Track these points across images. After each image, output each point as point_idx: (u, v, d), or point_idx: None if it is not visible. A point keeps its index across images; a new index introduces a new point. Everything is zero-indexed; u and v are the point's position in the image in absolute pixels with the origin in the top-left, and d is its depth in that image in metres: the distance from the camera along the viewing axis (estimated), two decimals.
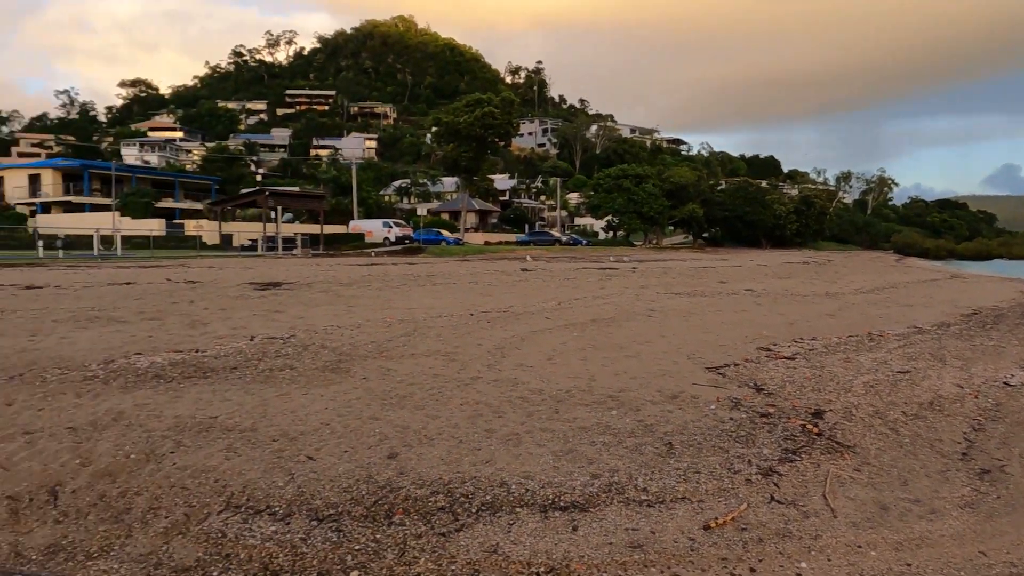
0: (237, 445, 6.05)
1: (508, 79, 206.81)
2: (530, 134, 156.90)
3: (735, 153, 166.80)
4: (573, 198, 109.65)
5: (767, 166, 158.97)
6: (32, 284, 19.77)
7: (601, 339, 11.14)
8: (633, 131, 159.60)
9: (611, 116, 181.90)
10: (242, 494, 5.27)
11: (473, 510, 4.99)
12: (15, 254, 35.28)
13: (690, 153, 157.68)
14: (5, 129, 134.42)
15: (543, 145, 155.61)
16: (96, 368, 8.59)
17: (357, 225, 67.24)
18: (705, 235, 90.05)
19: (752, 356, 10.14)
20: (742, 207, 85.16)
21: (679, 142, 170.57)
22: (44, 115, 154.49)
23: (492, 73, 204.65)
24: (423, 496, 5.14)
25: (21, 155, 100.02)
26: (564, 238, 77.92)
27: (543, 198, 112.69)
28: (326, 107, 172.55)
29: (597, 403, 7.29)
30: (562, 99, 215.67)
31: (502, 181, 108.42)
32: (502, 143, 73.19)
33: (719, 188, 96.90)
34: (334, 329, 11.50)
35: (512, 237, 79.44)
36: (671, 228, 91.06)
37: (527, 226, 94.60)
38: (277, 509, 5.10)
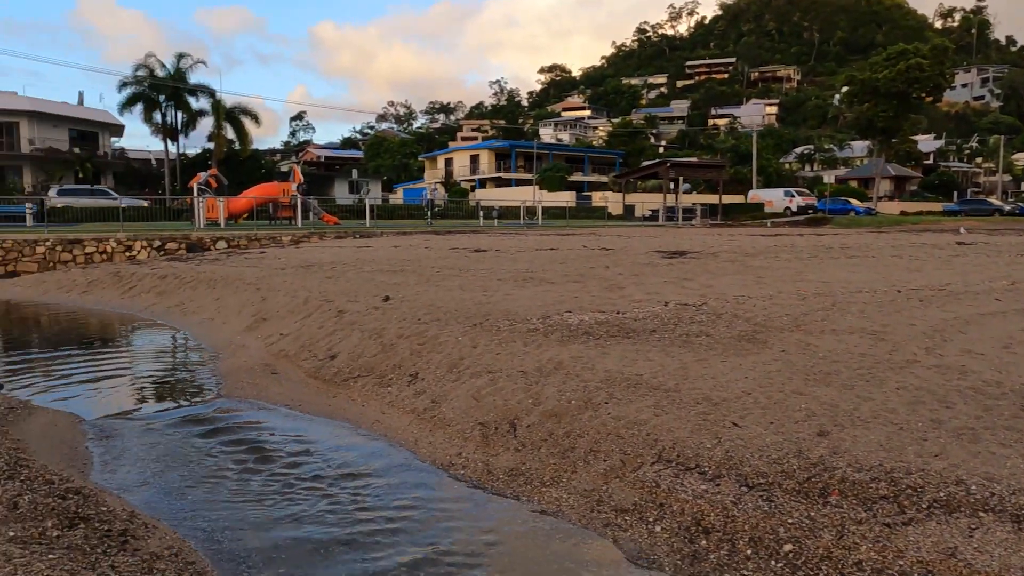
0: (663, 403, 6.35)
1: (938, 24, 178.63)
2: (964, 86, 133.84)
3: None
4: (1021, 159, 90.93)
5: None
6: (479, 248, 23.34)
7: None
8: None
9: None
10: (672, 449, 5.54)
11: (924, 505, 4.51)
12: (461, 223, 42.05)
13: None
14: (452, 118, 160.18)
15: (981, 98, 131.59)
16: (536, 322, 9.78)
17: (756, 195, 65.16)
18: None
19: None
20: None
21: None
22: (480, 103, 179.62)
23: (917, 20, 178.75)
24: (862, 480, 4.81)
25: (464, 139, 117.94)
26: (1007, 207, 65.29)
27: (978, 160, 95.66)
28: (725, 75, 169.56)
29: None
30: (1010, 41, 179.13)
31: (926, 142, 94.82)
32: (929, 99, 63.82)
33: None
34: (745, 299, 11.34)
35: (936, 206, 69.15)
36: None
37: (956, 193, 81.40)
38: (706, 469, 5.25)
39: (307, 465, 6.41)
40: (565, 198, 58.92)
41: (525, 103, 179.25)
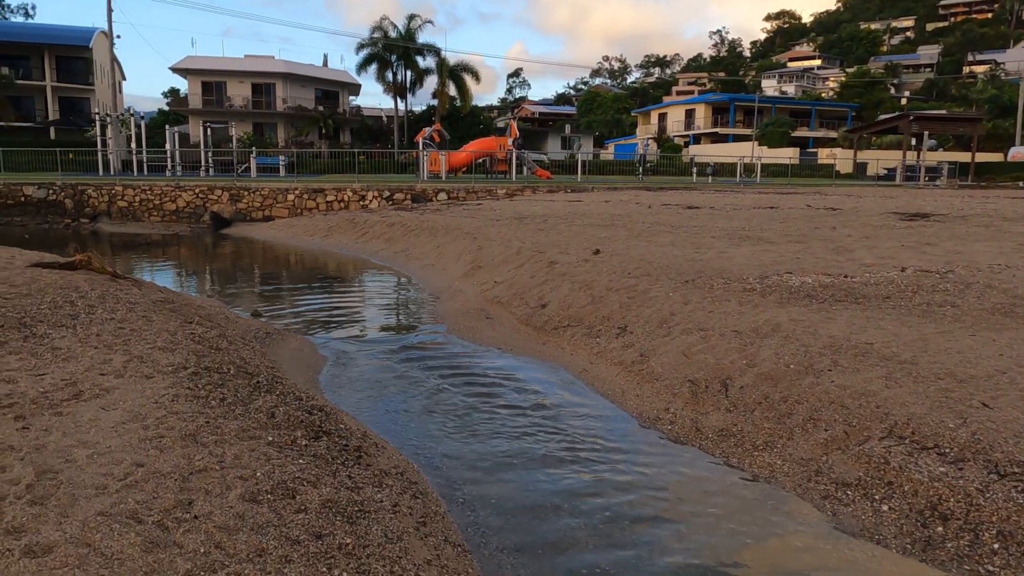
0: (897, 375, 5.79)
1: None
2: None
3: None
4: None
5: None
6: (691, 204, 22.61)
7: None
8: None
9: None
10: (906, 426, 5.04)
11: None
12: (674, 179, 40.90)
13: None
14: (667, 72, 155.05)
15: None
16: (753, 282, 9.31)
17: (1019, 152, 56.48)
18: None
19: None
20: None
21: None
22: (699, 55, 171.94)
23: None
24: None
25: (679, 93, 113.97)
26: None
27: None
28: (988, 14, 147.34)
29: None
30: None
31: None
32: None
33: None
34: (1002, 268, 9.95)
35: None
36: None
37: None
38: (947, 450, 4.72)
39: (515, 403, 6.67)
40: (787, 154, 54.97)
41: (747, 54, 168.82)
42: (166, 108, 72.00)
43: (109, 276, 9.71)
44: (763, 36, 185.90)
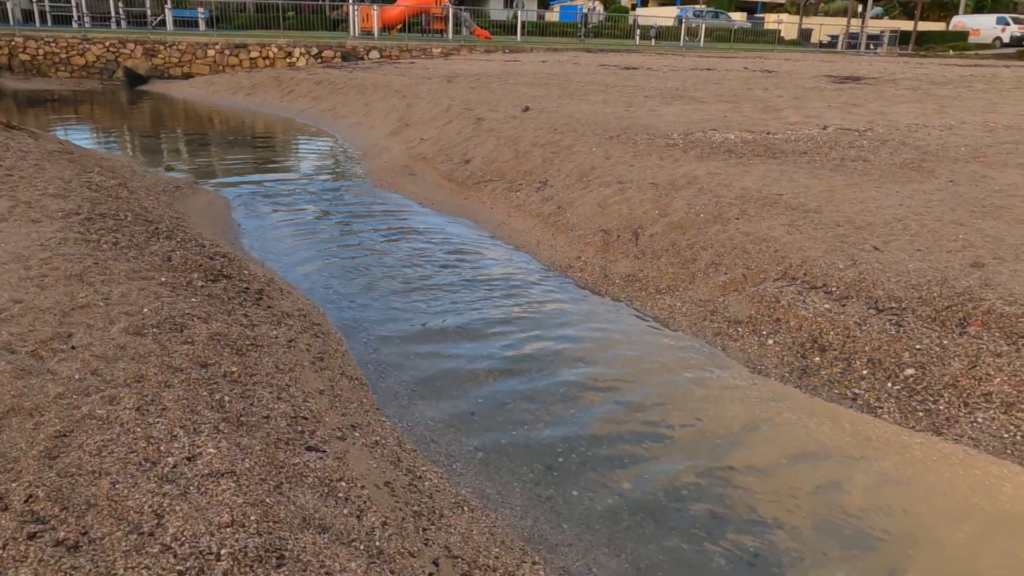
0: (799, 223, 5.94)
1: None
2: None
3: None
4: None
5: None
6: (629, 66, 22.10)
7: None
8: None
9: None
10: (800, 267, 5.22)
11: None
12: (616, 42, 39.76)
13: None
14: None
15: None
16: (677, 138, 9.27)
17: (960, 21, 56.45)
18: None
19: None
20: None
21: None
22: None
23: None
24: (1012, 315, 4.34)
25: None
26: None
27: None
28: None
29: None
30: None
31: None
32: None
33: None
34: (919, 128, 10.13)
35: None
36: None
37: None
38: (834, 289, 4.93)
39: (430, 253, 6.65)
40: (736, 18, 53.82)
41: None
42: None
43: (2, 126, 9.06)
44: None
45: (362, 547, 2.41)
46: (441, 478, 3.26)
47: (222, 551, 2.14)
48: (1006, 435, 3.68)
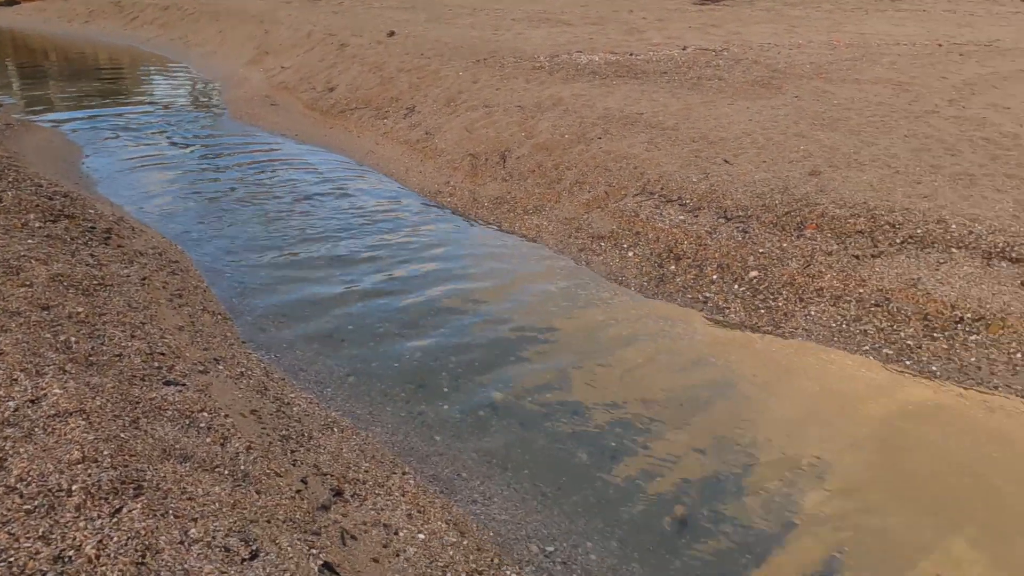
0: (658, 140, 6.17)
1: None
2: None
3: None
4: None
5: None
6: None
7: None
8: None
9: None
10: (657, 182, 5.46)
11: (897, 241, 4.48)
12: None
13: None
14: None
15: None
16: (543, 60, 9.29)
17: None
18: None
19: None
20: None
21: None
22: None
23: None
24: (841, 216, 4.75)
25: None
26: None
27: None
28: None
29: None
30: None
31: None
32: None
33: None
34: (771, 47, 10.61)
35: None
36: None
37: None
38: (688, 201, 5.20)
39: (296, 184, 6.45)
40: None
41: None
42: None
43: None
44: None
45: (226, 472, 2.41)
46: (310, 403, 3.28)
47: (73, 487, 2.09)
48: (833, 325, 4.07)
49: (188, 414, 2.69)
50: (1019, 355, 3.67)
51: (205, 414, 2.73)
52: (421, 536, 2.42)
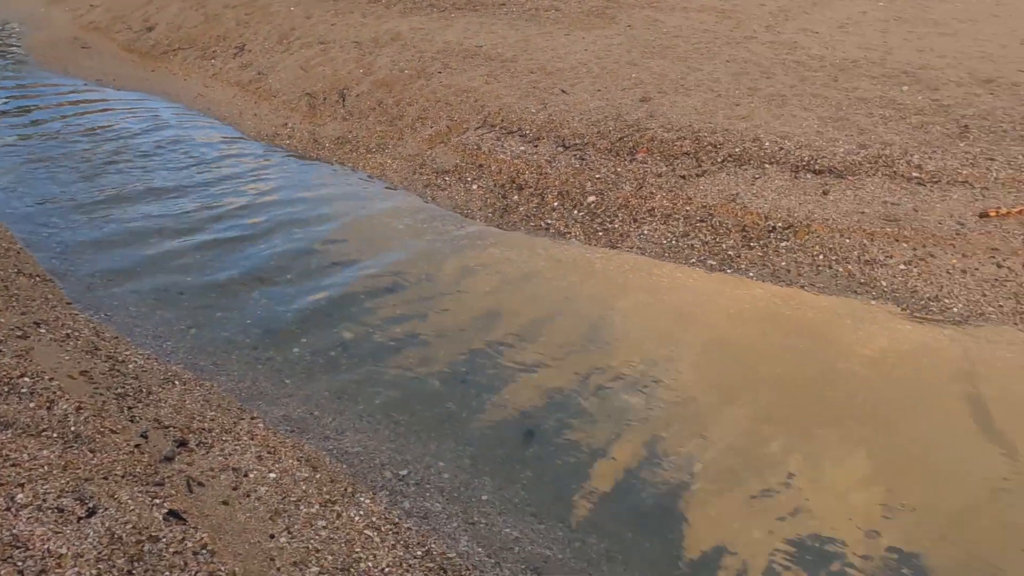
0: (498, 73, 6.21)
1: None
2: None
3: None
4: None
5: None
6: None
7: (912, 12, 9.37)
8: None
9: None
10: (497, 115, 5.52)
11: (719, 160, 4.82)
12: None
13: None
14: None
15: None
16: None
17: None
18: None
19: None
20: None
21: None
22: None
23: None
24: (669, 140, 5.03)
25: None
26: None
27: None
28: None
29: (887, 77, 6.34)
30: None
31: None
32: None
33: None
34: None
35: None
36: None
37: None
38: (527, 132, 5.31)
39: (119, 135, 6.00)
40: None
41: None
42: None
43: None
44: None
45: (55, 435, 2.31)
46: (148, 359, 3.15)
47: None
48: (665, 241, 4.36)
49: (7, 381, 2.53)
50: (821, 256, 4.10)
51: (26, 379, 2.57)
52: (272, 475, 2.44)
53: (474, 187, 5.02)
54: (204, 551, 1.98)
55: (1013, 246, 4.05)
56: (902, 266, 3.97)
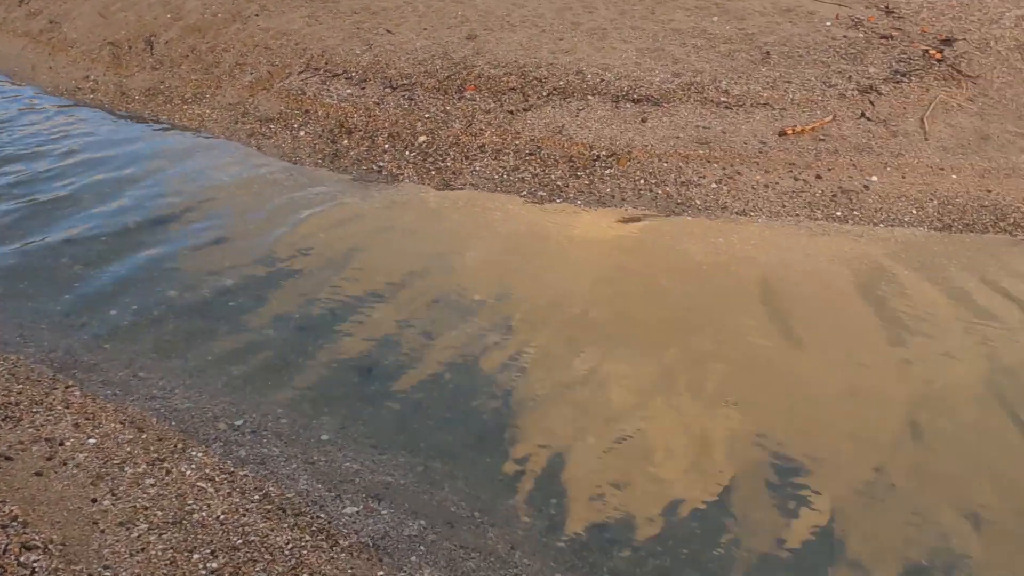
0: (319, 14, 5.97)
1: None
2: None
3: None
4: None
5: None
6: None
7: None
8: None
9: None
10: (321, 58, 5.34)
11: (544, 93, 4.93)
12: None
13: None
14: None
15: None
16: None
17: None
18: None
19: None
20: None
21: None
22: None
23: None
24: (496, 76, 5.07)
25: None
26: None
27: None
28: None
29: (699, 8, 6.67)
30: None
31: None
32: None
33: None
34: None
35: None
36: None
37: None
38: (353, 74, 5.18)
39: None
40: None
41: None
42: None
43: None
44: None
45: None
46: None
47: None
48: (496, 176, 4.43)
49: None
50: (643, 181, 4.33)
51: None
52: (92, 441, 2.32)
53: (301, 133, 4.86)
54: (15, 523, 1.87)
55: (807, 160, 4.46)
56: (713, 185, 4.27)
